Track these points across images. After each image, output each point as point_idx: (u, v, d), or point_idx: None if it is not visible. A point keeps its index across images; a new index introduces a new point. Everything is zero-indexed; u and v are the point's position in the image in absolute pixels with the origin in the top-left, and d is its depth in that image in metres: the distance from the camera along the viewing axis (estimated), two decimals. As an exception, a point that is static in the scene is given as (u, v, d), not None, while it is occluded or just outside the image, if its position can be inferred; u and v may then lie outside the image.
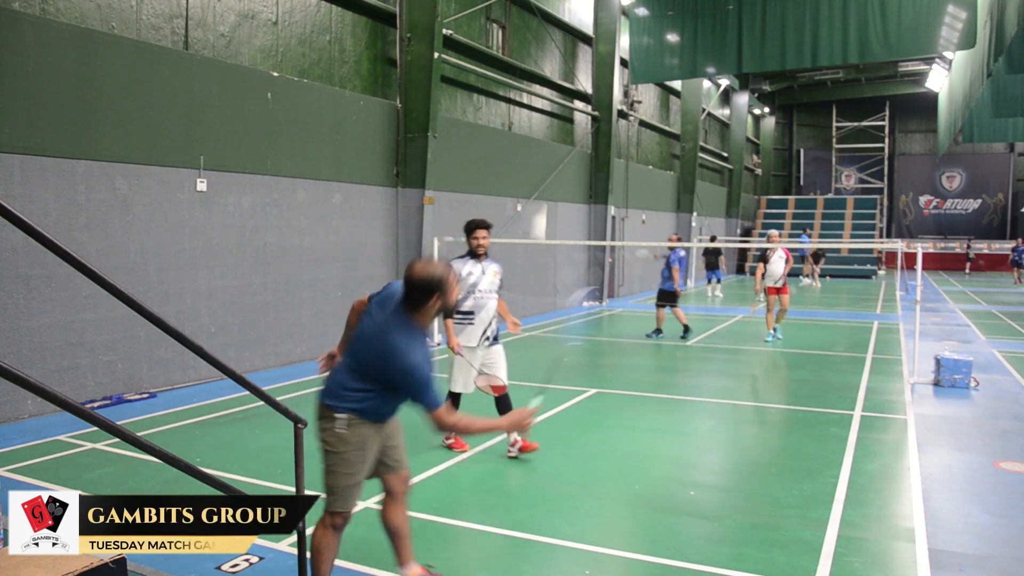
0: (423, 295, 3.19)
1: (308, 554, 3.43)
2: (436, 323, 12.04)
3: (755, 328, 13.77)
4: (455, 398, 6.10)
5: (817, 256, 26.60)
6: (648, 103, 23.59)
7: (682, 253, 12.93)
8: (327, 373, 3.52)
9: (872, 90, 37.35)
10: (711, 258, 21.74)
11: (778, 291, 12.63)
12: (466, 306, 6.03)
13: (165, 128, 8.37)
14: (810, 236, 30.97)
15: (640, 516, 4.89)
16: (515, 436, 5.95)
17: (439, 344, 11.96)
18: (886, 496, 5.30)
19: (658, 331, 13.17)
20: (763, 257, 12.74)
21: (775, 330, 12.75)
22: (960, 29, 13.80)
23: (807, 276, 26.99)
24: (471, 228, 6.11)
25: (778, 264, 12.49)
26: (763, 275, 12.66)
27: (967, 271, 34.39)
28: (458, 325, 6.02)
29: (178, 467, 2.71)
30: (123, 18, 8.06)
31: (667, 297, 13.02)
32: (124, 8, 8.06)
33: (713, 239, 23.50)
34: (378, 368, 3.21)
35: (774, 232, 13.34)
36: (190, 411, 7.57)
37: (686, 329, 13.00)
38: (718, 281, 21.90)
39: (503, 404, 5.85)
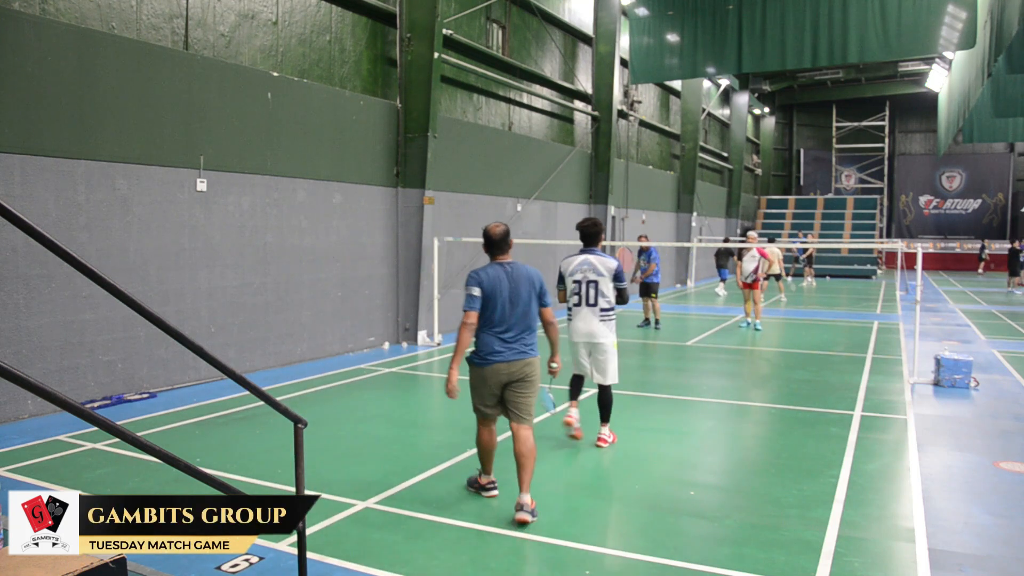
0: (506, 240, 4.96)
1: (311, 554, 3.42)
2: (436, 320, 12.05)
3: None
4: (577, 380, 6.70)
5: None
6: (648, 103, 23.59)
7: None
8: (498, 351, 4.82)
9: (872, 90, 37.36)
10: (720, 259, 21.99)
11: (748, 286, 13.73)
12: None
13: (165, 128, 8.37)
14: (807, 236, 31.09)
15: (640, 516, 4.89)
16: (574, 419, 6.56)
17: (439, 344, 11.96)
18: (886, 496, 5.30)
19: (647, 321, 14.29)
20: (738, 255, 14.00)
21: (751, 321, 13.88)
22: (960, 29, 13.80)
23: (807, 277, 27.14)
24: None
25: (750, 263, 13.61)
26: (740, 271, 13.90)
27: (981, 271, 34.31)
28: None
29: (178, 467, 2.71)
30: (123, 18, 8.06)
31: (652, 288, 14.09)
32: (124, 8, 8.06)
33: (726, 240, 23.87)
34: (539, 293, 4.93)
35: (753, 233, 14.33)
36: (190, 411, 7.57)
37: (650, 322, 14.20)
38: (723, 280, 22.15)
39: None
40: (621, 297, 6.23)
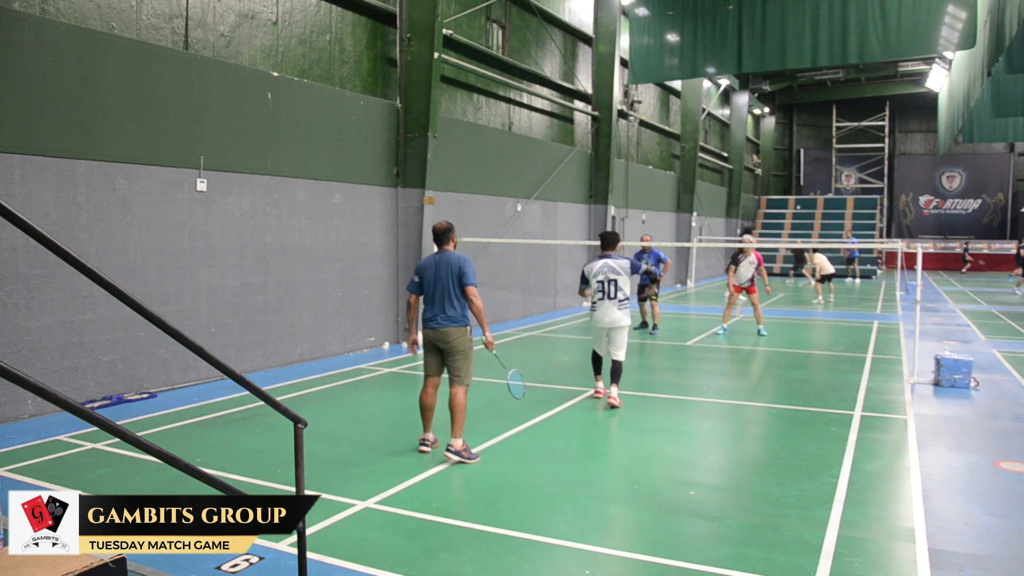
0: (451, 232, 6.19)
1: (311, 554, 3.43)
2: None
3: (752, 327, 13.77)
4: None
5: (801, 258, 26.50)
6: (648, 103, 23.59)
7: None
8: (437, 321, 6.01)
9: (872, 90, 37.35)
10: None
11: (746, 291, 13.61)
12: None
13: (165, 128, 8.37)
14: (857, 239, 31.10)
15: (640, 516, 4.89)
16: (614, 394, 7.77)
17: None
18: (886, 496, 5.30)
19: (644, 324, 14.04)
20: (734, 260, 13.64)
21: (726, 328, 13.60)
22: (960, 29, 13.80)
23: (851, 277, 27.34)
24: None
25: (747, 269, 13.45)
26: (734, 276, 13.58)
27: (964, 271, 34.42)
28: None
29: (178, 467, 2.71)
30: (123, 18, 8.06)
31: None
32: (124, 8, 8.06)
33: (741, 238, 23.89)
34: (456, 275, 5.95)
35: (749, 237, 14.27)
36: (190, 411, 7.57)
37: (647, 324, 13.97)
38: None
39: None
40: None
